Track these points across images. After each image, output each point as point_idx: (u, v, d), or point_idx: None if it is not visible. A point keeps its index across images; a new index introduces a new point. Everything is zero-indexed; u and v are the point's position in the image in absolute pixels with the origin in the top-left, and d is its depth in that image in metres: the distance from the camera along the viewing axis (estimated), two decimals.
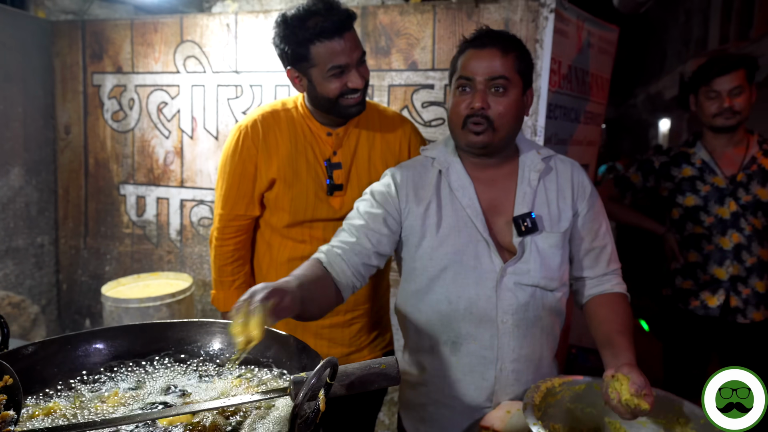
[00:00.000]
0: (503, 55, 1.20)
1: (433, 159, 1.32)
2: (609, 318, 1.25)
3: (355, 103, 1.42)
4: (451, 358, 1.27)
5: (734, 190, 2.00)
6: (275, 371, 1.02)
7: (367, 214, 1.28)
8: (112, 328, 1.08)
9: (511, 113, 1.22)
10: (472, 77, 1.20)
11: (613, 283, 1.32)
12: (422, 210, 1.27)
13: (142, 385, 0.98)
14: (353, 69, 1.39)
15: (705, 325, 2.07)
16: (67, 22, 2.67)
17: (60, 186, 2.73)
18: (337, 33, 1.34)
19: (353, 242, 1.24)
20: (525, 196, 1.27)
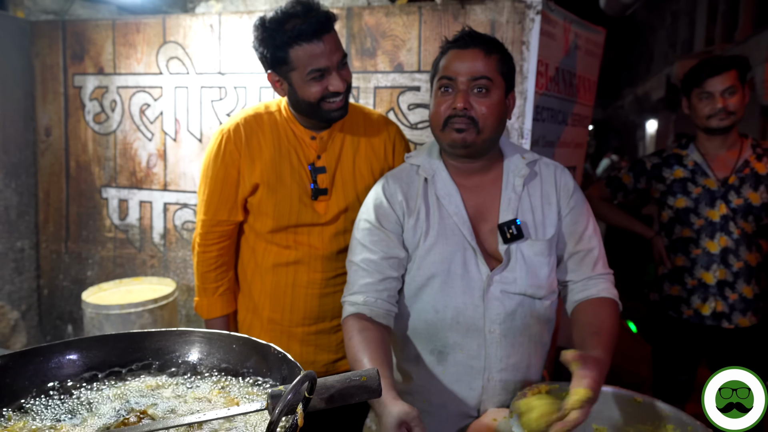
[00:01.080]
0: (486, 55, 1.18)
1: (418, 167, 1.30)
2: (588, 321, 1.21)
3: (336, 107, 1.39)
4: (438, 368, 1.25)
5: (725, 193, 2.00)
6: (255, 381, 0.99)
7: (380, 244, 1.24)
8: (86, 338, 1.04)
9: (495, 114, 1.20)
10: (455, 77, 1.19)
11: (600, 288, 1.27)
12: (413, 221, 1.25)
13: (119, 397, 0.95)
14: (334, 72, 1.36)
15: (694, 331, 2.06)
16: (47, 22, 2.62)
17: (40, 189, 2.67)
18: (315, 35, 1.32)
19: (381, 280, 1.23)
20: (510, 202, 1.25)
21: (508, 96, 1.25)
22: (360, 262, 1.24)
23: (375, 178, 1.55)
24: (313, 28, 1.31)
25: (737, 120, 1.98)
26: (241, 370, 1.02)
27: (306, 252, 1.49)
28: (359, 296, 1.22)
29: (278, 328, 1.52)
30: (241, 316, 1.60)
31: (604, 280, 1.29)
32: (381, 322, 1.20)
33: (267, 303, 1.52)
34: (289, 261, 1.49)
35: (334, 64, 1.36)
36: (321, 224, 1.48)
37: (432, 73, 1.27)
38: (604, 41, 2.85)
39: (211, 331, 1.08)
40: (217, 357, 1.05)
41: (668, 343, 2.14)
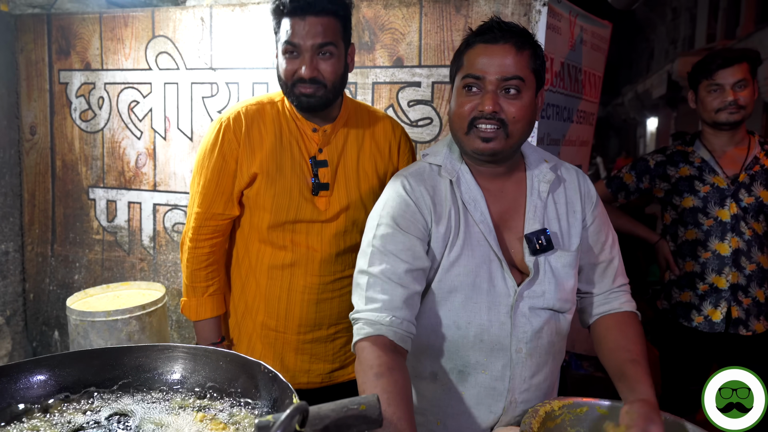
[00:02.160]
0: (518, 51, 1.06)
1: (439, 167, 1.17)
2: (620, 345, 1.13)
3: (304, 93, 1.32)
4: (457, 389, 1.15)
5: (736, 191, 1.90)
6: (243, 403, 0.90)
7: (406, 252, 1.08)
8: (58, 355, 0.95)
9: (526, 117, 1.09)
10: (482, 76, 1.07)
11: (621, 301, 1.21)
12: (442, 230, 1.12)
13: (92, 422, 0.86)
14: (307, 55, 1.30)
15: (706, 339, 1.97)
16: (32, 15, 2.52)
17: (26, 190, 2.57)
18: (298, 12, 1.28)
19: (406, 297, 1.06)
20: (536, 210, 1.14)
21: (538, 94, 1.13)
22: (380, 274, 1.07)
23: (379, 178, 1.47)
24: (297, 3, 1.28)
25: (747, 115, 1.89)
26: (229, 389, 0.93)
27: (303, 254, 1.40)
28: (382, 315, 1.04)
29: (272, 334, 1.43)
30: (233, 321, 1.51)
31: (625, 292, 1.24)
32: (402, 347, 1.05)
33: (261, 307, 1.43)
34: (285, 263, 1.40)
35: (308, 46, 1.30)
36: (321, 221, 1.40)
37: (454, 68, 1.14)
38: (610, 36, 2.76)
39: (195, 346, 0.99)
40: (202, 375, 0.96)
41: (678, 352, 2.04)
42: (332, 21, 1.31)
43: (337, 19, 1.32)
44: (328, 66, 1.32)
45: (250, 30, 2.14)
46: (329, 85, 1.34)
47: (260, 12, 2.13)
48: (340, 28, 1.33)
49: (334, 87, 1.35)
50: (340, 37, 1.34)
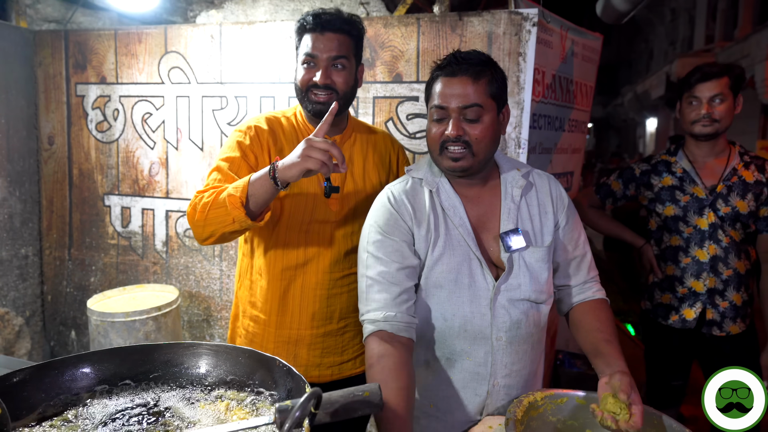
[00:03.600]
0: (474, 81, 1.21)
1: (420, 180, 1.33)
2: (595, 326, 1.29)
3: (318, 101, 1.46)
4: (446, 374, 1.29)
5: (713, 201, 2.00)
6: (261, 393, 1.03)
7: (394, 254, 1.25)
8: (98, 351, 1.08)
9: (488, 136, 1.24)
10: (446, 106, 1.22)
11: (594, 290, 1.37)
12: (423, 232, 1.28)
13: (129, 410, 0.99)
14: (323, 66, 1.45)
15: (683, 337, 2.09)
16: (50, 31, 2.64)
17: (44, 197, 2.71)
18: (318, 28, 1.44)
19: (399, 293, 1.23)
20: (510, 212, 1.30)
21: (502, 111, 1.28)
22: (376, 276, 1.24)
23: (382, 184, 1.60)
24: (319, 21, 1.44)
25: (722, 128, 1.97)
26: (248, 382, 1.06)
27: (315, 252, 1.53)
28: (379, 313, 1.21)
29: (286, 333, 1.56)
30: (245, 323, 1.64)
31: (596, 281, 1.39)
32: (402, 337, 1.20)
33: (275, 308, 1.55)
34: (299, 263, 1.53)
35: (324, 58, 1.44)
36: (332, 222, 1.53)
37: (426, 95, 1.31)
38: (601, 47, 2.88)
39: (217, 344, 1.12)
40: (223, 369, 1.09)
41: (660, 349, 2.17)
42: (346, 38, 1.46)
43: (351, 38, 1.48)
44: (340, 77, 1.47)
45: (257, 47, 2.27)
46: (340, 93, 1.48)
47: (267, 30, 2.25)
48: (352, 45, 1.49)
49: (344, 96, 1.49)
50: (352, 53, 1.49)
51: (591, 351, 1.26)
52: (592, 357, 1.25)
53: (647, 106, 17.86)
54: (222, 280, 2.44)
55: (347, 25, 1.46)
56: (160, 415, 0.98)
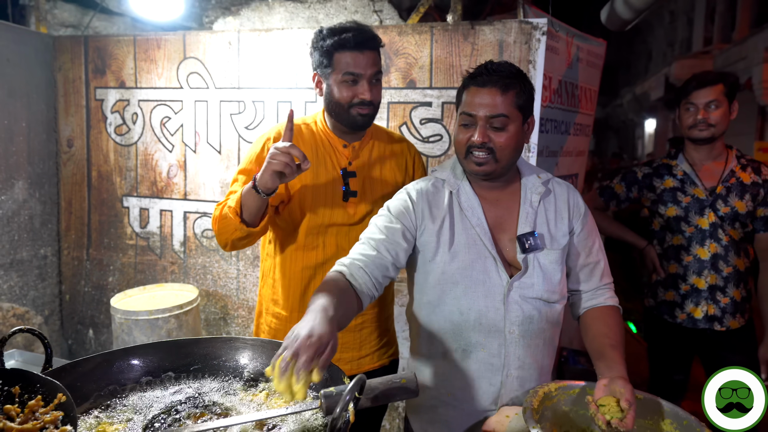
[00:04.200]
0: (503, 93, 1.28)
1: (443, 181, 1.41)
2: (602, 332, 1.35)
3: (363, 114, 1.55)
4: (462, 364, 1.37)
5: (713, 201, 2.09)
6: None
7: (386, 229, 1.35)
8: (143, 345, 1.15)
9: (512, 145, 1.32)
10: (474, 114, 1.30)
11: (606, 297, 1.43)
12: (437, 227, 1.36)
13: (175, 401, 1.06)
14: (365, 82, 1.52)
15: (687, 334, 2.17)
16: (70, 37, 2.72)
17: (63, 198, 2.78)
18: (358, 47, 1.51)
19: (374, 255, 1.32)
20: (527, 216, 1.37)
21: (527, 121, 1.36)
22: (364, 238, 1.37)
23: (398, 186, 1.68)
24: (357, 40, 1.51)
25: (717, 132, 2.06)
26: None
27: (333, 252, 1.61)
28: (348, 260, 1.31)
29: None
30: (268, 319, 1.71)
31: (609, 289, 1.45)
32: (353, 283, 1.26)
33: (296, 305, 1.63)
34: (318, 263, 1.61)
35: (367, 75, 1.53)
36: (349, 224, 1.62)
37: (456, 102, 1.39)
38: (604, 52, 2.96)
39: (254, 338, 1.20)
40: (260, 362, 1.17)
41: (663, 345, 2.25)
42: (378, 54, 1.56)
43: (378, 54, 1.57)
44: (378, 91, 1.57)
45: (274, 53, 2.34)
46: (377, 105, 1.58)
47: (284, 37, 2.33)
48: (381, 60, 1.56)
49: (377, 108, 1.58)
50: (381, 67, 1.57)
51: (595, 354, 1.32)
52: (595, 359, 1.31)
53: (646, 108, 17.95)
54: (239, 280, 2.51)
55: (376, 41, 1.56)
56: (202, 404, 1.05)
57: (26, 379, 0.88)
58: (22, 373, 0.89)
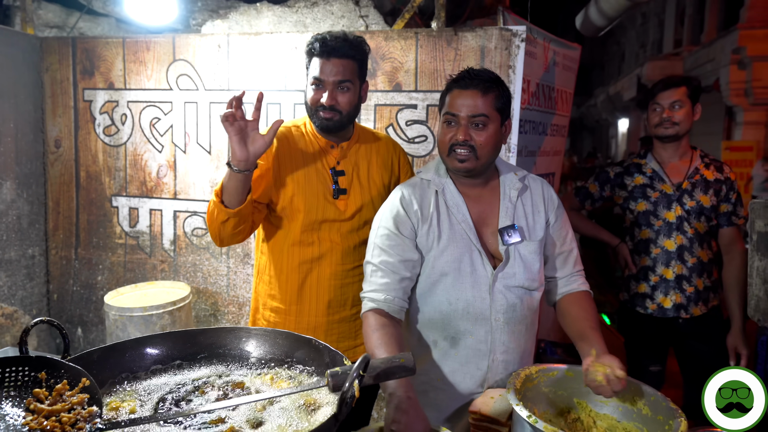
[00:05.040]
0: (483, 95, 1.40)
1: (429, 181, 1.51)
2: (581, 315, 1.48)
3: (324, 117, 1.63)
4: (451, 351, 1.48)
5: (680, 196, 2.24)
6: (300, 370, 1.18)
7: (397, 248, 1.44)
8: (153, 336, 1.22)
9: (491, 144, 1.43)
10: (457, 114, 1.41)
11: (579, 282, 1.56)
12: (427, 227, 1.46)
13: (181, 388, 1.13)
14: (329, 88, 1.61)
15: (659, 324, 2.31)
16: (57, 38, 2.74)
17: (50, 198, 2.80)
18: (325, 55, 1.60)
19: (398, 280, 1.43)
20: (507, 210, 1.48)
21: (504, 124, 1.46)
22: (379, 264, 1.44)
23: (385, 184, 1.78)
24: (325, 48, 1.60)
25: (681, 131, 2.23)
26: (286, 360, 1.22)
27: (328, 247, 1.70)
28: (379, 294, 1.41)
29: (305, 320, 1.71)
30: (266, 314, 1.78)
31: (581, 275, 1.58)
32: (396, 317, 1.42)
33: (294, 298, 1.71)
34: (314, 257, 1.69)
35: (330, 82, 1.61)
36: (341, 220, 1.71)
37: (439, 105, 1.49)
38: (579, 56, 3.10)
39: (257, 328, 1.28)
40: (263, 349, 1.25)
41: (638, 337, 2.39)
42: (350, 63, 1.61)
43: (355, 62, 1.63)
44: (344, 98, 1.63)
45: (263, 56, 2.41)
46: (344, 112, 1.64)
47: (273, 40, 2.40)
48: (356, 68, 1.64)
49: (348, 114, 1.66)
50: (356, 75, 1.64)
51: (576, 336, 1.45)
52: (578, 341, 1.44)
53: (619, 107, 18.37)
54: (229, 277, 2.57)
55: (352, 50, 1.62)
56: (211, 390, 1.12)
57: (51, 365, 0.95)
58: (47, 360, 0.95)
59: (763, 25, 9.99)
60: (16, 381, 0.91)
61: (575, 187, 2.56)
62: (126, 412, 1.00)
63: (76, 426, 0.87)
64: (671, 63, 13.60)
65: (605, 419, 1.37)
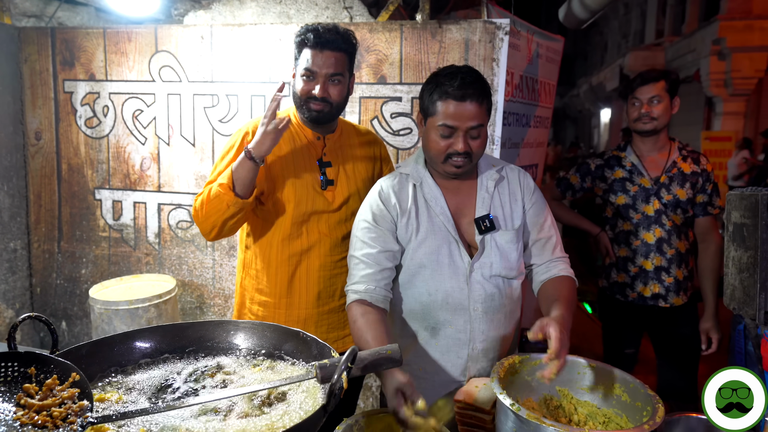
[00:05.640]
0: (479, 106, 1.41)
1: (407, 175, 1.53)
2: (549, 294, 1.48)
3: (314, 108, 1.64)
4: (432, 341, 1.51)
5: (658, 190, 2.28)
6: (288, 362, 1.20)
7: (378, 240, 1.47)
8: (141, 330, 1.23)
9: (484, 147, 1.46)
10: (456, 126, 1.40)
11: (560, 268, 1.55)
12: (405, 219, 1.49)
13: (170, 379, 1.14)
14: (321, 80, 1.61)
15: (637, 311, 2.37)
16: (35, 28, 2.69)
17: (31, 191, 2.76)
18: (318, 47, 1.60)
19: (379, 271, 1.45)
20: (484, 200, 1.51)
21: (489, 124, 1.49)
22: (361, 256, 1.47)
23: (369, 175, 1.80)
24: (318, 40, 1.60)
25: (660, 125, 2.26)
26: (274, 352, 1.23)
27: (316, 239, 1.72)
28: (361, 285, 1.44)
29: (295, 313, 1.73)
30: (253, 308, 1.79)
31: (563, 261, 1.58)
32: (380, 306, 1.44)
33: (284, 291, 1.72)
34: (303, 249, 1.71)
35: (323, 74, 1.61)
36: (329, 211, 1.72)
37: (427, 107, 1.45)
38: (562, 48, 3.13)
39: (245, 321, 1.29)
40: (252, 342, 1.26)
41: (616, 322, 2.46)
42: (342, 56, 1.63)
43: (346, 55, 1.64)
44: (335, 90, 1.64)
45: (247, 47, 2.40)
46: (334, 104, 1.66)
47: (256, 32, 2.38)
48: (347, 61, 1.65)
49: (337, 106, 1.67)
50: (347, 68, 1.66)
51: (547, 306, 1.43)
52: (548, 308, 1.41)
53: (602, 98, 18.54)
54: (215, 269, 2.57)
55: (344, 43, 1.63)
56: (201, 378, 1.14)
57: (40, 360, 0.95)
58: (35, 355, 0.96)
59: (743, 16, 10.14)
60: (6, 376, 0.91)
61: (557, 177, 2.59)
62: (114, 403, 1.01)
63: (68, 420, 0.87)
64: (653, 53, 13.74)
65: (586, 406, 1.41)
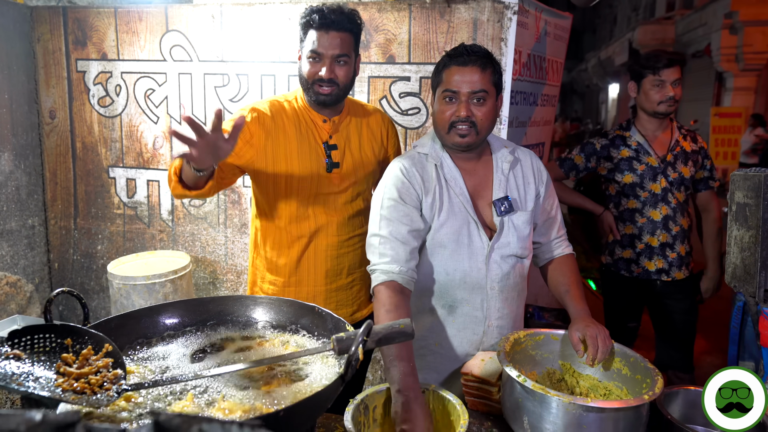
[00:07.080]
0: (482, 71, 1.44)
1: (426, 155, 1.57)
2: (563, 280, 1.59)
3: (322, 92, 1.65)
4: (449, 318, 1.57)
5: (665, 168, 2.33)
6: (304, 336, 1.27)
7: (406, 218, 1.47)
8: (165, 304, 1.30)
9: (489, 119, 1.49)
10: (457, 90, 1.45)
11: (563, 247, 1.67)
12: (430, 200, 1.52)
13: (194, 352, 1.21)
14: (327, 61, 1.63)
15: (639, 286, 2.43)
16: (48, 7, 2.71)
17: (47, 169, 2.82)
18: (324, 27, 1.61)
19: (409, 251, 1.46)
20: (500, 183, 1.56)
21: (498, 99, 1.52)
22: (388, 235, 1.45)
23: (375, 156, 1.83)
24: (324, 21, 1.60)
25: (676, 108, 2.31)
26: (290, 326, 1.30)
27: (324, 220, 1.76)
28: (393, 266, 1.42)
29: (304, 290, 1.79)
30: (265, 287, 1.86)
31: (564, 239, 1.69)
32: (408, 288, 1.46)
33: (293, 270, 1.78)
34: (311, 230, 1.76)
35: (329, 55, 1.62)
36: (335, 193, 1.76)
37: (434, 81, 1.52)
38: (570, 26, 3.12)
39: (263, 296, 1.35)
40: (269, 316, 1.33)
41: (619, 297, 2.53)
42: (348, 36, 1.64)
43: (352, 35, 1.66)
44: (342, 71, 1.66)
45: (257, 27, 2.42)
46: (341, 86, 1.68)
47: (267, 11, 2.40)
48: (353, 42, 1.67)
49: (344, 87, 1.70)
50: (353, 49, 1.68)
51: (561, 295, 1.58)
52: (562, 298, 1.57)
53: (610, 72, 18.30)
54: (227, 246, 2.64)
55: (350, 23, 1.64)
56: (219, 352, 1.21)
57: (75, 332, 1.02)
58: (71, 327, 1.02)
59: None
60: (44, 347, 0.98)
61: (559, 158, 2.62)
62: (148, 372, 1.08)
63: (104, 387, 0.94)
64: (663, 27, 13.52)
65: (587, 379, 1.48)
